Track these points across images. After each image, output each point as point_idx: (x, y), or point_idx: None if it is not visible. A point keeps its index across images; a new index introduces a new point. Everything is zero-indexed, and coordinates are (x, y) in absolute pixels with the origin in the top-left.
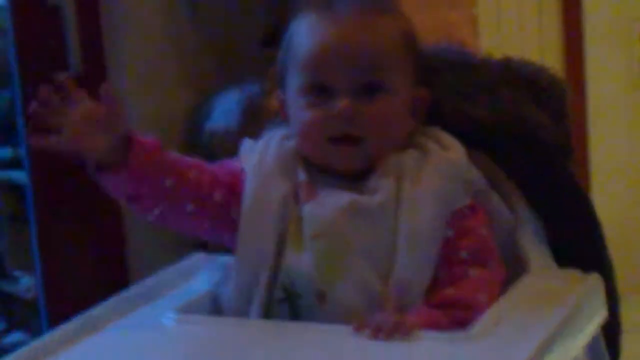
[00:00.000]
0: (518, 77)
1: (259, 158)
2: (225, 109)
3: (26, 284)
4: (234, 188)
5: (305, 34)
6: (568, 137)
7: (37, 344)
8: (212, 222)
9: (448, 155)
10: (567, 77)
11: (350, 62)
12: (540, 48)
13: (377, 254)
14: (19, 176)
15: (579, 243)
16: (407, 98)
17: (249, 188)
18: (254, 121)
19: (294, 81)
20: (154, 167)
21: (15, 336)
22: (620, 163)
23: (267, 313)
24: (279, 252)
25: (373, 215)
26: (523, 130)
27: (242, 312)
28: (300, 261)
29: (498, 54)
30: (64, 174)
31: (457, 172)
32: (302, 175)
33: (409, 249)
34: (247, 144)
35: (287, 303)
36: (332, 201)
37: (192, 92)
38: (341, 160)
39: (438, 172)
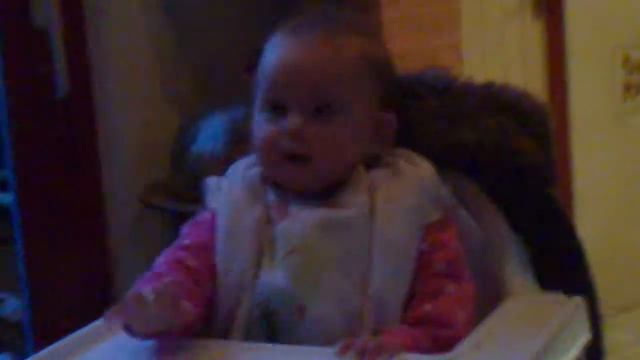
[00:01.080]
0: (501, 102)
1: (227, 191)
2: (211, 133)
3: (12, 306)
4: (212, 268)
5: (269, 52)
6: (551, 162)
7: None
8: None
9: (419, 172)
10: (550, 101)
11: (302, 82)
12: (524, 73)
13: (352, 268)
14: (5, 198)
15: (562, 267)
16: (364, 121)
17: (222, 220)
18: (239, 145)
19: (258, 98)
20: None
21: (1, 358)
22: (603, 186)
23: (246, 332)
24: (256, 275)
25: (347, 229)
26: (506, 155)
27: (222, 333)
28: (275, 278)
29: (481, 79)
30: (50, 196)
31: (428, 189)
32: (271, 196)
33: (385, 262)
34: (211, 182)
35: (265, 321)
36: (305, 217)
37: (178, 115)
38: (291, 178)
39: (409, 189)
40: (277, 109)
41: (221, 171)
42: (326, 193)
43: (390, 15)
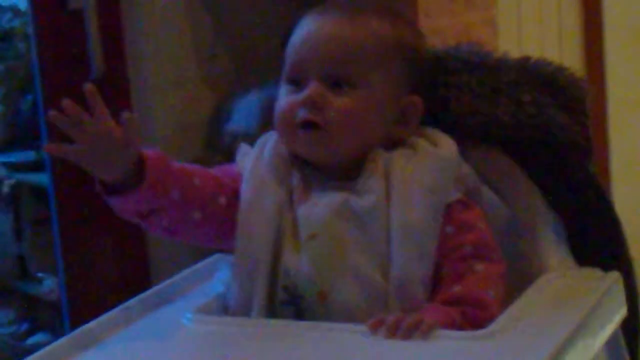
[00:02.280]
0: (537, 77)
1: (253, 163)
2: (245, 111)
3: (49, 285)
4: (236, 191)
5: (295, 31)
6: (588, 136)
7: (58, 344)
8: (219, 228)
9: (438, 151)
10: (587, 76)
11: (321, 55)
12: (560, 48)
13: (373, 252)
14: (42, 179)
15: (599, 242)
16: (386, 99)
17: (244, 194)
18: (273, 123)
19: (282, 75)
20: (163, 182)
21: (38, 337)
22: None
23: (272, 315)
24: (276, 256)
25: (365, 216)
26: (542, 130)
27: (244, 315)
28: (299, 263)
29: (517, 55)
30: (86, 176)
31: (447, 167)
32: (295, 179)
33: (403, 244)
34: (243, 148)
35: (292, 304)
36: (325, 202)
37: (213, 94)
38: (303, 146)
39: (427, 167)
40: (297, 83)
41: None
42: (345, 175)
43: None
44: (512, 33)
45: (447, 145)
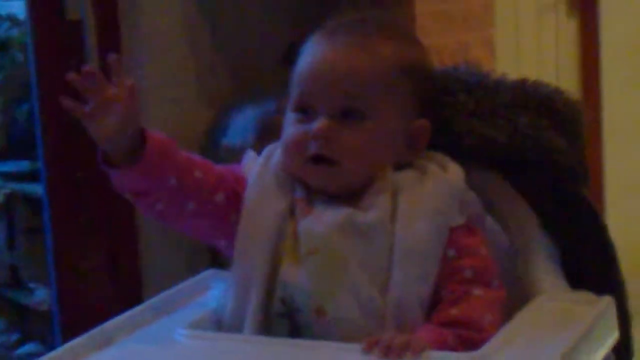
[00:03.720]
0: (533, 99)
1: (259, 171)
2: (241, 126)
3: (41, 295)
4: (237, 191)
5: (304, 54)
6: (583, 160)
7: (50, 357)
8: (211, 224)
9: (447, 176)
10: (583, 98)
11: (331, 86)
12: (557, 70)
13: (373, 270)
14: (36, 189)
15: (592, 265)
16: (396, 127)
17: (247, 200)
18: (269, 138)
19: (289, 101)
20: (162, 166)
21: (29, 347)
22: (635, 184)
23: (267, 327)
24: (274, 266)
25: (368, 232)
26: (538, 152)
27: (237, 327)
28: (297, 276)
29: (514, 75)
30: (79, 186)
31: (454, 192)
32: (299, 192)
33: (404, 264)
34: (250, 154)
35: (287, 317)
36: (328, 217)
37: (210, 108)
38: (316, 180)
39: (434, 190)
40: (306, 111)
41: None
42: (351, 193)
43: (422, 10)
44: (510, 53)
45: (455, 171)
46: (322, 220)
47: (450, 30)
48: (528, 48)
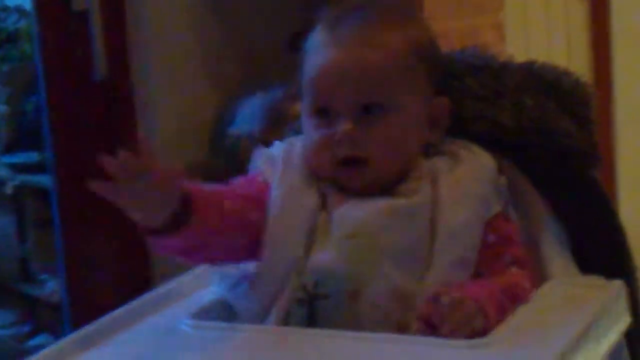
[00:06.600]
0: (541, 81)
1: (282, 169)
2: (248, 114)
3: (51, 287)
4: (263, 204)
5: (311, 53)
6: (593, 143)
7: (55, 347)
8: (251, 244)
9: (480, 160)
10: (594, 80)
11: (349, 85)
12: (568, 52)
13: (411, 255)
14: (44, 180)
15: (602, 250)
16: (418, 112)
17: (275, 197)
18: (276, 125)
19: (304, 101)
20: (209, 215)
21: (40, 339)
22: None
23: (285, 315)
24: (304, 257)
25: (410, 217)
26: (546, 137)
27: (260, 316)
28: (328, 260)
29: (524, 59)
30: (88, 178)
31: (492, 176)
32: (330, 189)
33: (446, 248)
34: (264, 154)
35: (306, 304)
36: (367, 204)
37: (217, 96)
38: (350, 182)
39: (473, 175)
40: (324, 114)
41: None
42: (386, 186)
43: None
44: (519, 37)
45: (486, 156)
46: (361, 207)
47: (460, 15)
48: (538, 32)
